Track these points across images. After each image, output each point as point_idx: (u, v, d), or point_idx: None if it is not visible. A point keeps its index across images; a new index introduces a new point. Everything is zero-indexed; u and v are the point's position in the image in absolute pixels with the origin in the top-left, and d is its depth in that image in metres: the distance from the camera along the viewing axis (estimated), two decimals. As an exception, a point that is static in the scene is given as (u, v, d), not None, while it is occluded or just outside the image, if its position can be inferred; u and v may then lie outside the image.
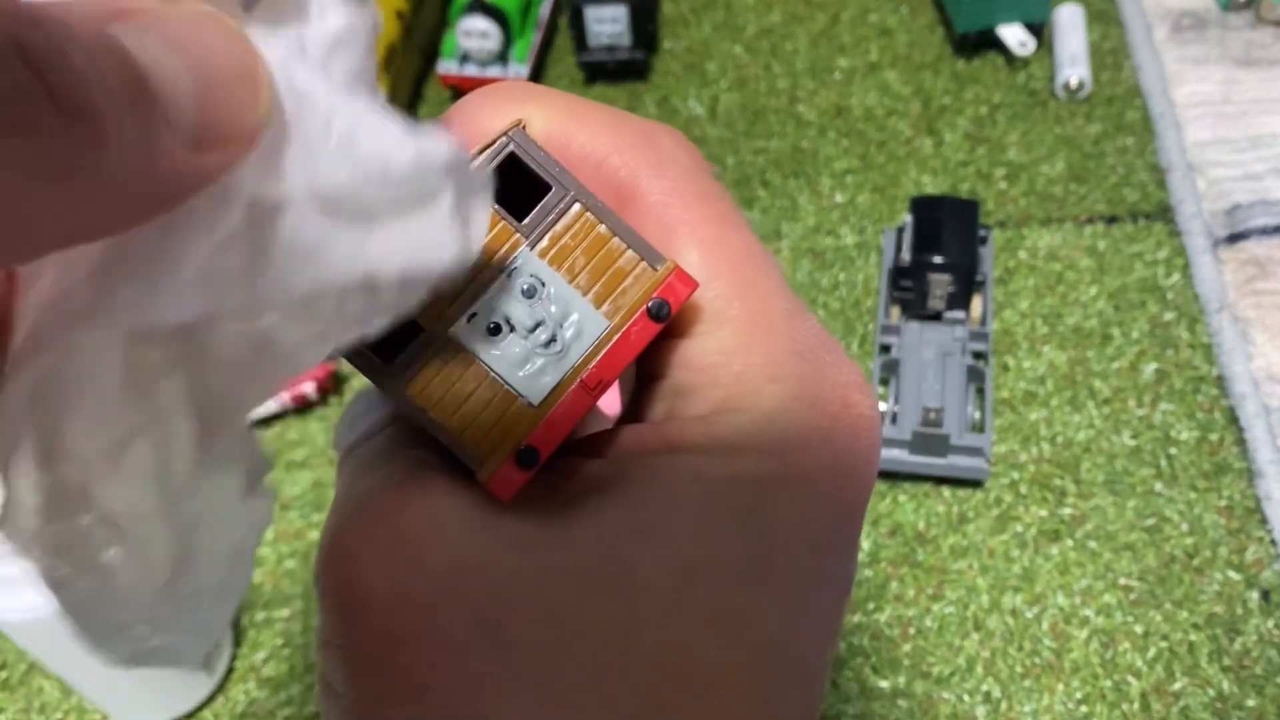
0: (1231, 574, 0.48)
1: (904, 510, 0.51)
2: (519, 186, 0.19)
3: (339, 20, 0.15)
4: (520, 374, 0.19)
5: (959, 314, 0.54)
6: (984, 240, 0.56)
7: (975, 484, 0.52)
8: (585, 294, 0.19)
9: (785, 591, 0.18)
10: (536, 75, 0.68)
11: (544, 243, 0.19)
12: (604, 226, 0.19)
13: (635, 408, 0.20)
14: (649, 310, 0.19)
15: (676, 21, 0.70)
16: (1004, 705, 0.46)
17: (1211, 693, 0.46)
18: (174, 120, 0.13)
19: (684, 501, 0.18)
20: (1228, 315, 0.55)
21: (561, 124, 0.20)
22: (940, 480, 0.52)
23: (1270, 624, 0.47)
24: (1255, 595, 0.48)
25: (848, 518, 0.19)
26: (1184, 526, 0.49)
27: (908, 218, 0.54)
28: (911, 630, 0.48)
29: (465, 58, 0.66)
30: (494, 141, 0.18)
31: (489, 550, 0.18)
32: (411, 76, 0.68)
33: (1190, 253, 0.57)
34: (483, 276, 0.19)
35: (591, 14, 0.64)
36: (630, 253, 0.19)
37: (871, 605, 0.49)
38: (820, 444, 0.19)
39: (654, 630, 0.17)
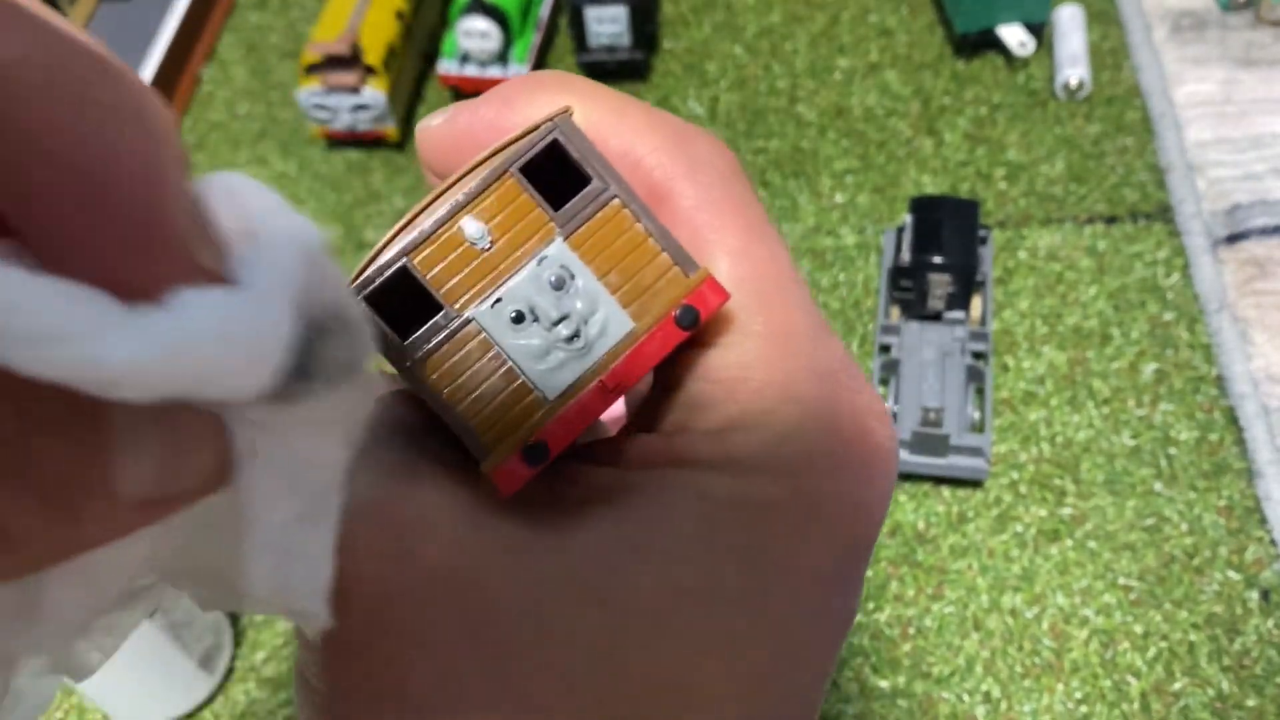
0: (1231, 574, 0.48)
1: (904, 510, 0.51)
2: (557, 175, 0.18)
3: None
4: (539, 367, 0.18)
5: (959, 314, 0.54)
6: (984, 240, 0.56)
7: (975, 484, 0.52)
8: (614, 292, 0.18)
9: (783, 623, 0.18)
10: (536, 75, 0.68)
11: (578, 235, 0.18)
12: (641, 226, 0.18)
13: (648, 417, 0.20)
14: (676, 317, 0.18)
15: (676, 21, 0.70)
16: (1004, 705, 0.46)
17: (1211, 692, 0.46)
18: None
19: (685, 520, 0.17)
20: (1227, 315, 0.55)
21: (601, 118, 0.19)
22: (940, 480, 0.52)
23: (1270, 624, 0.47)
24: (1255, 595, 0.48)
25: (855, 551, 0.19)
26: (1184, 526, 0.49)
27: (908, 218, 0.54)
28: (911, 630, 0.48)
29: (465, 58, 0.66)
30: (536, 127, 0.18)
31: (482, 551, 0.17)
32: (411, 76, 0.68)
33: (1190, 253, 0.57)
34: (511, 261, 0.18)
35: (591, 14, 0.64)
36: (664, 255, 0.18)
37: (871, 605, 0.49)
38: (832, 471, 0.18)
39: (642, 649, 0.17)
